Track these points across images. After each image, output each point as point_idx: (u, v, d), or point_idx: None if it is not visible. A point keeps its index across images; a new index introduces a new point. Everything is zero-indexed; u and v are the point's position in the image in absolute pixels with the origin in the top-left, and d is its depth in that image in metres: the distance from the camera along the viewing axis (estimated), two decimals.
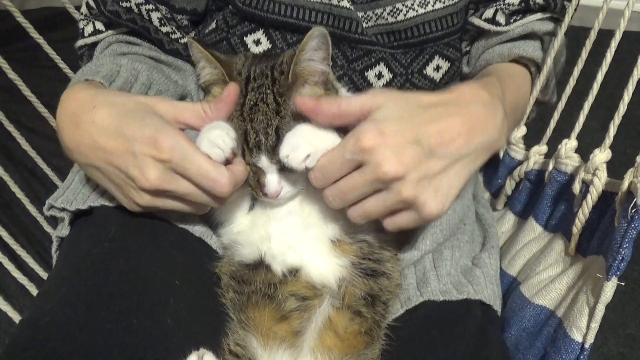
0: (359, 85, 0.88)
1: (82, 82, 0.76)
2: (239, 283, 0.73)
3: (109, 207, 0.76)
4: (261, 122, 0.69)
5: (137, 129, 0.65)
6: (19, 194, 1.08)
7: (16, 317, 1.00)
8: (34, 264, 1.06)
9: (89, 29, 0.89)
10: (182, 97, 0.89)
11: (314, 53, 0.70)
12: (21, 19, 0.99)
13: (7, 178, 1.06)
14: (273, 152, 0.68)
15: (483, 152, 0.69)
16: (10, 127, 1.04)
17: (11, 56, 1.11)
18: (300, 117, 0.68)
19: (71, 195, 0.79)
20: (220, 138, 0.65)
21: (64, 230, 0.80)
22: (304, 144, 0.64)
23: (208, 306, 0.72)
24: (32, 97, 1.04)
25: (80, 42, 0.90)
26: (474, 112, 0.68)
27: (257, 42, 0.86)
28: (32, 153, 1.10)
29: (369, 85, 0.88)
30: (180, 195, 0.67)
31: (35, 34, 1.00)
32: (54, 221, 0.83)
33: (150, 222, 0.75)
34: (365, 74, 0.87)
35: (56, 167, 1.14)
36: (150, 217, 0.75)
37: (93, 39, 0.89)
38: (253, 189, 0.72)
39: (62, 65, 1.03)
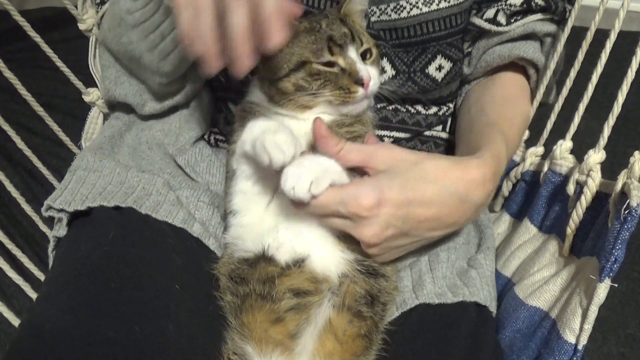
0: None
1: None
2: (236, 283, 0.73)
3: (107, 208, 0.76)
4: (338, 28, 0.75)
5: None
6: (15, 194, 1.08)
7: (11, 318, 1.01)
8: (29, 263, 1.06)
9: None
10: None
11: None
12: (20, 19, 0.99)
13: (3, 178, 1.06)
14: (353, 43, 0.74)
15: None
16: (6, 127, 1.04)
17: (10, 56, 1.11)
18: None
19: (69, 195, 0.80)
20: (285, 144, 0.66)
21: (61, 230, 0.80)
22: (305, 174, 0.66)
23: (208, 310, 0.72)
24: (30, 98, 1.04)
25: (106, 6, 0.91)
26: (463, 209, 0.72)
27: None
28: (28, 152, 1.10)
29: None
30: None
31: (33, 34, 1.00)
32: (51, 221, 0.84)
33: (149, 223, 0.76)
34: None
35: (54, 167, 1.14)
36: (148, 218, 0.76)
37: None
38: (344, 91, 0.73)
39: (61, 65, 1.03)
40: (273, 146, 0.65)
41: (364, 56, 0.76)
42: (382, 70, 0.87)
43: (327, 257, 0.72)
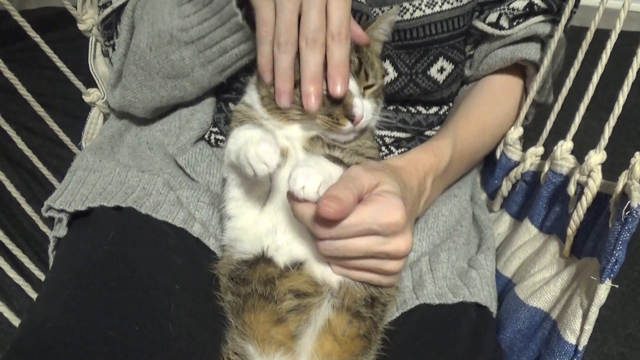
0: None
1: None
2: (236, 284, 0.72)
3: (107, 208, 0.76)
4: None
5: None
6: (15, 194, 1.08)
7: (12, 318, 1.01)
8: (29, 263, 1.06)
9: None
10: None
11: (387, 27, 0.79)
12: (20, 19, 0.99)
13: (3, 178, 1.06)
14: (357, 76, 0.73)
15: None
16: (6, 127, 1.04)
17: (10, 56, 1.11)
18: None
19: (69, 196, 0.80)
20: (268, 155, 0.64)
21: (61, 230, 0.80)
22: (315, 174, 0.64)
23: (208, 310, 0.72)
24: (30, 98, 1.04)
25: (108, 10, 0.89)
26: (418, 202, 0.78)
27: None
28: (28, 152, 1.10)
29: None
30: None
31: (33, 34, 1.00)
32: (51, 221, 0.84)
33: (149, 223, 0.75)
34: None
35: (54, 167, 1.14)
36: (148, 218, 0.76)
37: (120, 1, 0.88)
38: (333, 122, 0.72)
39: (61, 65, 1.03)
40: (255, 158, 0.64)
41: (366, 87, 0.74)
42: (385, 73, 0.87)
43: (326, 262, 0.71)
